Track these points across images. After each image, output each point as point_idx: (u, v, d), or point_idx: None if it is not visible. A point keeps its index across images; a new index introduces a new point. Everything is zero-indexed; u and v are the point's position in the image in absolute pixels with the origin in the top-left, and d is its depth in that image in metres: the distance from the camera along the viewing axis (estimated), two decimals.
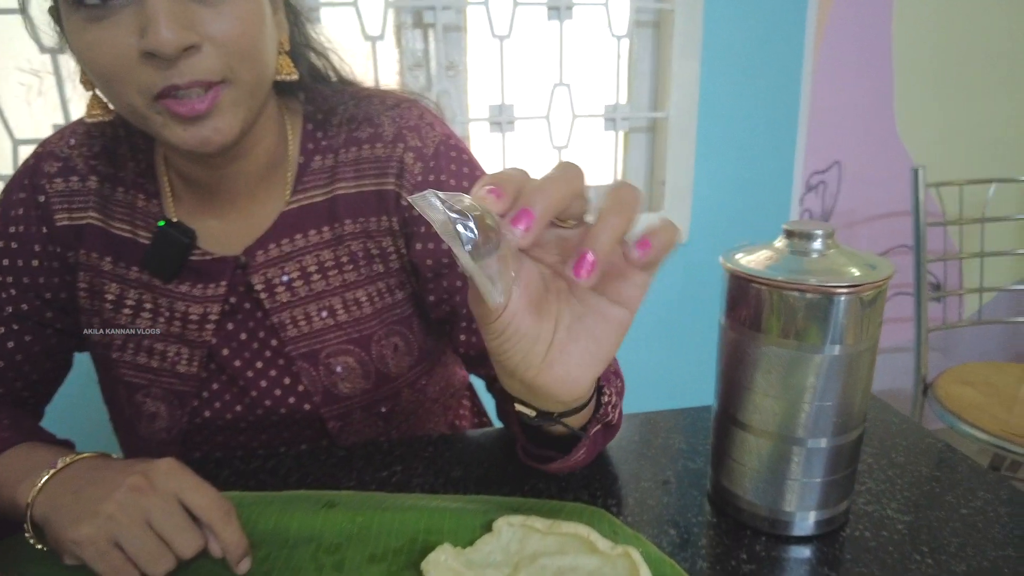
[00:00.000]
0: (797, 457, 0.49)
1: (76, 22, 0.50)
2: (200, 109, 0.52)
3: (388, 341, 0.67)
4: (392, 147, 0.64)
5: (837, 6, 1.57)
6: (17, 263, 0.64)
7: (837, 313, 0.46)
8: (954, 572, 0.48)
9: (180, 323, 0.64)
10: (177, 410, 0.65)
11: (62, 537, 0.45)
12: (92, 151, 0.65)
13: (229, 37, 0.51)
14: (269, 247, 0.64)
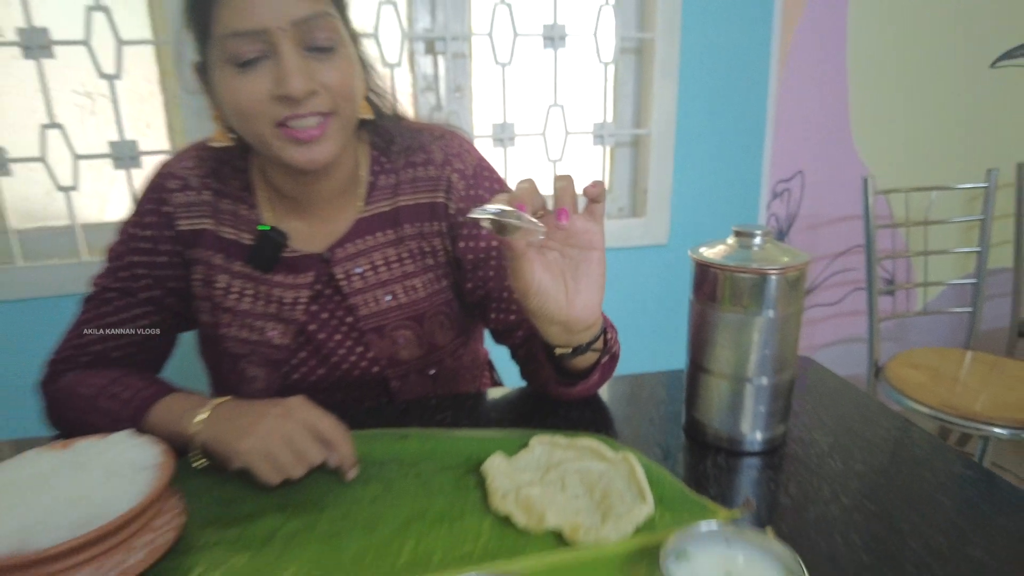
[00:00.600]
0: (747, 392, 0.69)
1: (227, 73, 0.69)
2: (315, 135, 0.70)
3: (436, 319, 0.85)
4: (442, 169, 0.83)
5: (798, 34, 1.77)
6: (149, 259, 0.81)
7: (770, 288, 0.65)
8: (855, 470, 0.67)
9: (276, 305, 0.81)
10: (273, 374, 0.83)
11: (230, 450, 0.63)
12: (203, 171, 0.82)
13: (336, 84, 0.70)
14: (346, 245, 0.82)
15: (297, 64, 0.67)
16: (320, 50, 0.69)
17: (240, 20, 0.66)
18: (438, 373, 0.88)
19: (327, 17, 0.69)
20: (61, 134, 1.42)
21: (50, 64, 1.39)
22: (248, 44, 0.67)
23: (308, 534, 0.59)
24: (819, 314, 2.00)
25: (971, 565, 0.54)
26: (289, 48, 0.67)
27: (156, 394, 0.73)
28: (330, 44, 0.70)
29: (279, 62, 0.67)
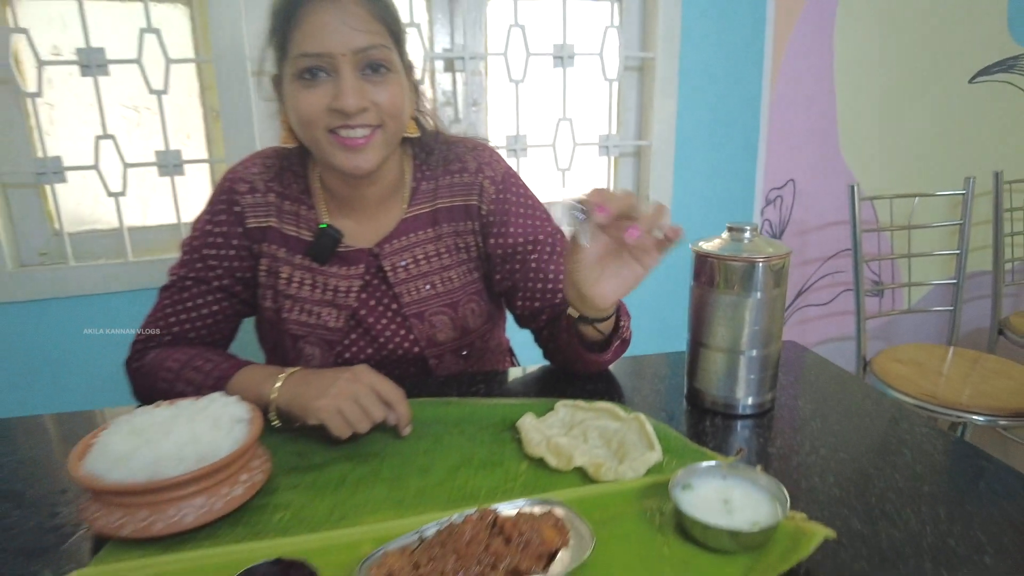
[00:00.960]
0: (740, 362, 0.81)
1: (295, 85, 0.81)
2: (361, 144, 0.83)
3: (468, 306, 0.97)
4: (475, 176, 0.95)
5: (788, 53, 1.90)
6: (222, 252, 0.93)
7: (758, 274, 0.77)
8: (831, 429, 0.79)
9: (331, 293, 0.93)
10: (327, 353, 0.94)
11: (308, 408, 0.74)
12: (268, 176, 0.95)
13: (384, 103, 0.83)
14: (393, 242, 0.94)
15: (352, 85, 0.80)
16: (374, 74, 0.82)
17: (311, 44, 0.79)
18: (469, 353, 1.00)
19: (382, 48, 0.82)
20: (113, 144, 1.54)
21: (104, 80, 1.52)
22: (314, 63, 0.80)
23: (374, 478, 0.71)
24: (811, 314, 2.13)
25: (924, 499, 0.66)
26: (348, 71, 0.80)
27: (235, 366, 0.85)
28: (384, 69, 0.83)
29: (338, 81, 0.80)
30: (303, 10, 0.80)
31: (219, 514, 0.62)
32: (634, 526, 0.61)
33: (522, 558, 0.53)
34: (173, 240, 1.66)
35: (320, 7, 0.79)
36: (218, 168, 1.67)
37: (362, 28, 0.80)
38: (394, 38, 0.85)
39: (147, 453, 0.61)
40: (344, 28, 0.79)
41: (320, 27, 0.79)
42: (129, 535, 0.60)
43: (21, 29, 1.44)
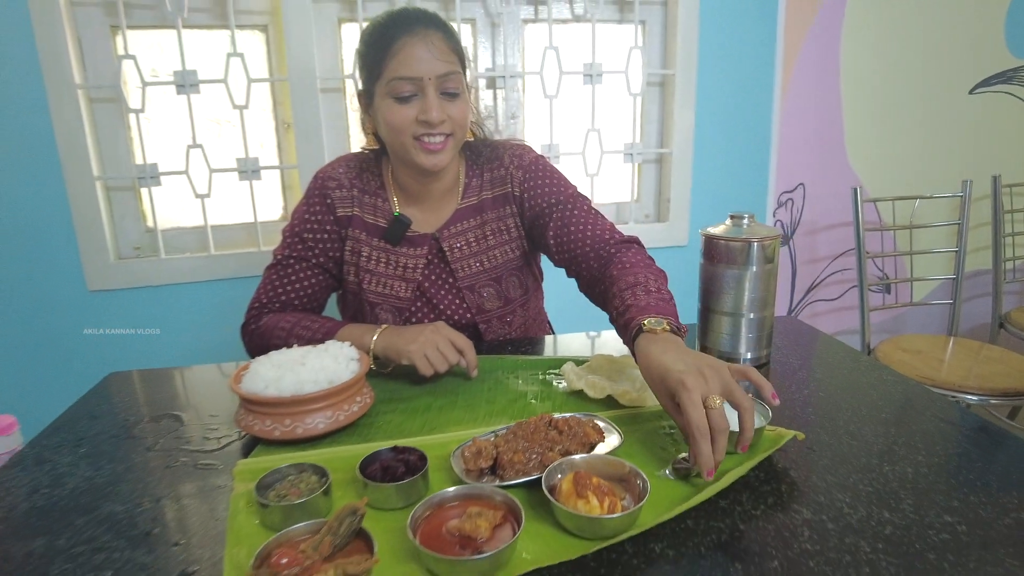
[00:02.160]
0: (741, 323, 1.00)
1: (388, 102, 1.03)
2: (438, 147, 1.04)
3: (510, 280, 1.18)
4: (507, 169, 1.17)
5: (798, 66, 2.08)
6: (317, 236, 1.15)
7: (754, 252, 0.97)
8: (815, 377, 0.98)
9: (401, 269, 1.15)
10: (397, 319, 1.16)
11: (401, 350, 0.95)
12: (351, 175, 1.16)
13: (457, 116, 1.04)
14: (450, 228, 1.15)
15: (435, 102, 1.02)
16: (449, 94, 1.04)
17: (405, 70, 1.01)
18: (512, 320, 1.21)
19: (456, 74, 1.04)
20: (200, 152, 1.78)
21: (195, 97, 1.76)
22: (407, 85, 1.02)
23: (451, 406, 0.92)
24: (821, 308, 2.30)
25: (880, 422, 0.85)
26: (432, 92, 1.02)
27: (337, 324, 1.07)
28: (456, 91, 1.04)
29: (425, 100, 1.02)
30: (398, 43, 1.01)
31: (342, 424, 0.83)
32: (652, 435, 0.81)
33: (570, 444, 0.73)
34: (249, 236, 1.89)
35: (412, 41, 1.00)
36: (288, 173, 1.90)
37: (442, 58, 1.01)
38: (462, 64, 1.07)
39: (290, 377, 0.83)
40: (430, 58, 1.00)
41: (412, 57, 1.00)
42: (278, 437, 0.81)
43: (130, 56, 1.68)
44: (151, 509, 0.72)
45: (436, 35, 1.01)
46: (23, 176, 1.67)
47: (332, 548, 0.58)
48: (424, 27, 1.01)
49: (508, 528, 0.61)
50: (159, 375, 1.12)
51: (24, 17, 1.58)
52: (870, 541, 0.62)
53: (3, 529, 0.69)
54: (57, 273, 1.74)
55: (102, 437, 0.89)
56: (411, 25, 1.01)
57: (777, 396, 0.76)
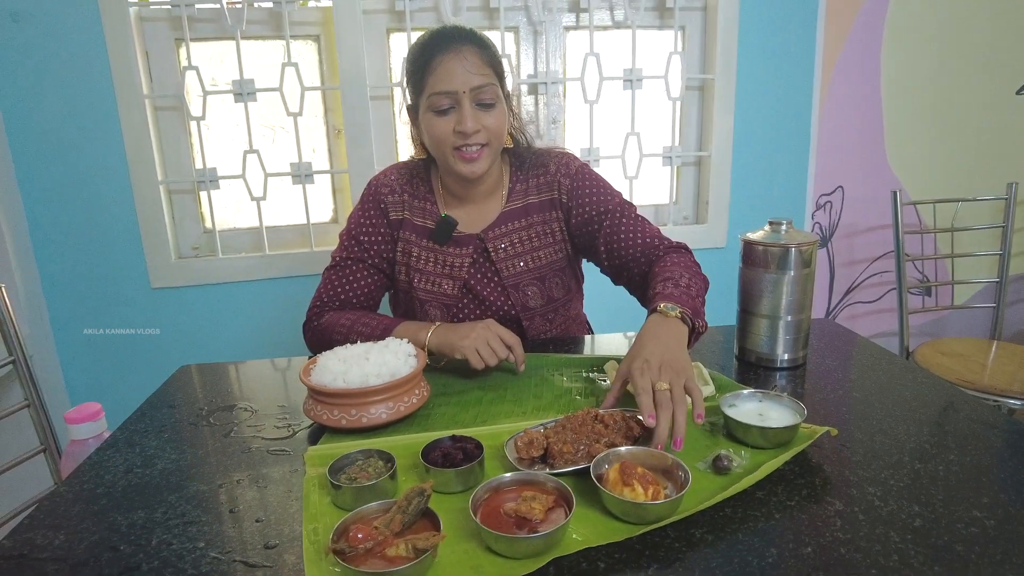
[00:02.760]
0: (779, 325, 1.04)
1: (429, 115, 1.10)
2: (475, 157, 1.11)
3: (553, 280, 1.24)
4: (554, 176, 1.23)
5: (837, 68, 2.09)
6: (372, 238, 1.23)
7: (792, 256, 1.01)
8: (850, 377, 1.02)
9: (448, 267, 1.21)
10: (446, 315, 1.22)
11: (455, 346, 1.02)
12: (402, 182, 1.24)
13: (492, 127, 1.11)
14: (495, 229, 1.22)
15: (470, 113, 1.09)
16: (485, 105, 1.11)
17: (442, 85, 1.08)
18: (554, 318, 1.27)
19: (491, 86, 1.10)
20: (256, 157, 1.87)
21: (251, 105, 1.85)
22: (444, 99, 1.09)
23: (501, 400, 0.98)
24: (860, 310, 2.30)
25: (912, 421, 0.88)
26: (467, 104, 1.09)
27: (395, 321, 1.15)
28: (491, 101, 1.11)
29: (460, 112, 1.09)
30: (435, 60, 1.09)
31: (402, 415, 0.90)
32: (691, 431, 0.85)
33: (615, 437, 0.78)
34: (302, 237, 1.99)
35: (448, 58, 1.08)
36: (338, 177, 1.99)
37: (476, 72, 1.08)
38: (498, 76, 1.13)
39: (356, 371, 0.90)
40: (464, 72, 1.08)
41: (448, 72, 1.08)
42: (345, 426, 0.88)
43: (192, 66, 1.78)
44: (232, 489, 0.79)
45: (471, 50, 1.09)
46: (95, 180, 1.78)
47: (402, 525, 0.64)
48: (459, 44, 1.09)
49: (559, 512, 0.67)
50: (223, 369, 1.21)
51: (99, 34, 1.69)
52: (899, 532, 0.66)
53: (107, 502, 0.77)
54: (124, 271, 1.86)
55: (182, 424, 0.97)
56: (448, 43, 1.09)
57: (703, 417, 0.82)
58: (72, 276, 1.83)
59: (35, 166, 1.74)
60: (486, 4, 1.88)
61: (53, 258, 1.81)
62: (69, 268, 1.82)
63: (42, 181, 1.75)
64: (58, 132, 1.73)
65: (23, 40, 1.67)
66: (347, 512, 0.68)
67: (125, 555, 0.67)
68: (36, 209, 1.77)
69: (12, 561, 0.67)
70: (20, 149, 1.72)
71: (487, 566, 0.62)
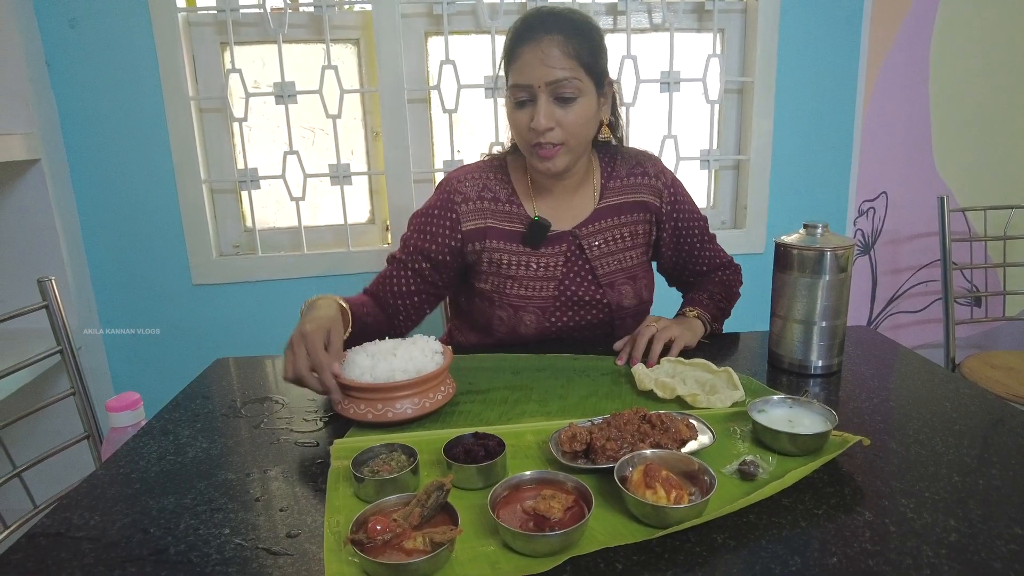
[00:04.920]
0: (813, 331, 1.01)
1: (511, 108, 1.10)
2: (550, 155, 1.10)
3: (643, 280, 1.24)
4: (654, 180, 1.24)
5: (883, 71, 2.03)
6: (432, 247, 1.18)
7: (827, 261, 0.98)
8: (888, 389, 0.98)
9: (542, 269, 1.19)
10: (540, 317, 1.19)
11: None
12: (479, 187, 1.20)
13: (570, 125, 1.08)
14: (589, 226, 1.21)
15: (545, 110, 1.06)
16: (564, 100, 1.07)
17: (519, 77, 1.07)
18: (639, 320, 1.25)
19: (571, 80, 1.05)
20: (296, 158, 1.91)
21: (292, 107, 1.89)
22: (522, 92, 1.08)
23: (526, 400, 0.98)
24: (904, 320, 2.23)
25: (952, 433, 0.85)
26: (543, 98, 1.06)
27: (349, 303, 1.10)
28: (572, 96, 1.07)
29: (536, 106, 1.07)
30: (518, 51, 1.07)
31: (428, 411, 0.91)
32: (720, 435, 0.84)
33: (662, 438, 0.78)
34: (339, 237, 2.02)
35: (528, 49, 1.06)
36: (375, 179, 2.02)
37: (555, 65, 1.04)
38: (585, 67, 1.07)
39: (383, 366, 0.91)
40: (541, 66, 1.04)
41: (526, 65, 1.06)
42: (371, 420, 0.89)
43: (236, 69, 1.83)
44: (259, 479, 0.81)
45: (555, 40, 1.04)
46: (143, 180, 1.85)
47: (420, 519, 0.65)
48: (542, 33, 1.05)
49: (579, 511, 0.66)
50: (258, 362, 1.24)
51: (149, 39, 1.75)
52: (933, 546, 0.63)
53: (140, 487, 0.79)
54: (167, 267, 1.92)
55: (214, 415, 1.00)
56: (531, 32, 1.06)
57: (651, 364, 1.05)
58: (119, 271, 1.90)
59: (87, 166, 1.81)
60: (523, 8, 1.89)
61: (102, 254, 1.88)
62: (116, 264, 1.89)
63: (93, 181, 1.83)
64: (110, 133, 1.80)
65: (79, 45, 1.74)
66: (368, 504, 0.68)
67: (154, 538, 0.69)
68: (87, 207, 1.84)
69: (51, 538, 0.70)
70: (74, 150, 1.80)
71: (504, 563, 0.62)
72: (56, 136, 1.76)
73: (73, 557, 0.66)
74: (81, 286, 1.84)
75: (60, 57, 1.74)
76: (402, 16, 1.85)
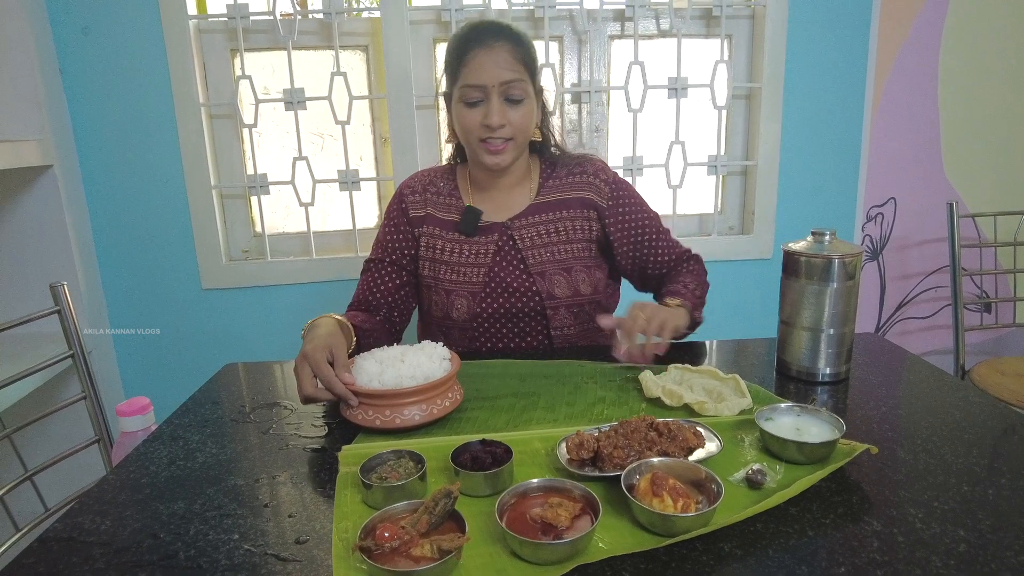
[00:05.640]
0: (821, 338, 1.01)
1: (460, 107, 1.15)
2: (500, 149, 1.15)
3: (580, 274, 1.25)
4: (593, 178, 1.27)
5: (891, 76, 2.02)
6: (394, 236, 1.28)
7: (835, 268, 0.98)
8: (896, 396, 0.98)
9: (473, 256, 1.24)
10: (471, 302, 1.24)
11: None
12: (424, 181, 1.30)
13: (517, 123, 1.15)
14: (522, 219, 1.25)
15: (497, 108, 1.14)
16: (513, 101, 1.15)
17: (472, 78, 1.14)
18: (579, 312, 1.27)
19: (520, 82, 1.15)
20: (305, 164, 1.93)
21: (301, 113, 1.90)
22: (474, 92, 1.14)
23: (533, 406, 0.98)
24: (912, 326, 2.21)
25: (961, 443, 0.84)
26: (495, 98, 1.14)
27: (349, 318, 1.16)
28: (519, 98, 1.16)
29: (488, 105, 1.13)
30: (469, 54, 1.14)
31: (435, 417, 0.91)
32: (728, 443, 0.84)
33: (669, 446, 0.78)
34: (348, 242, 2.03)
35: (480, 52, 1.14)
36: (384, 185, 2.03)
37: (506, 67, 1.13)
38: (530, 73, 1.18)
39: (391, 372, 0.91)
40: (494, 68, 1.13)
41: (479, 66, 1.13)
42: (379, 426, 0.90)
43: (246, 76, 1.85)
44: (268, 484, 0.81)
45: (504, 46, 1.14)
46: (153, 185, 1.86)
47: (428, 526, 0.65)
48: (493, 39, 1.14)
49: (586, 519, 0.66)
50: (267, 368, 1.24)
51: (160, 46, 1.77)
52: (942, 557, 0.63)
53: (150, 491, 0.80)
54: (177, 272, 1.93)
55: (224, 420, 1.01)
56: (482, 37, 1.14)
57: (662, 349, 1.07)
58: (130, 276, 1.91)
59: (99, 171, 1.83)
60: (531, 14, 1.89)
61: (113, 259, 1.89)
62: (127, 268, 1.90)
63: (105, 186, 1.84)
64: (121, 139, 1.82)
65: (92, 52, 1.76)
66: (376, 511, 0.69)
67: (164, 543, 0.69)
68: (99, 212, 1.86)
69: (62, 543, 0.70)
70: (86, 155, 1.82)
71: (511, 570, 0.62)
72: (69, 142, 1.78)
73: (84, 562, 0.67)
74: (92, 290, 1.85)
75: (73, 64, 1.76)
76: (411, 23, 1.86)
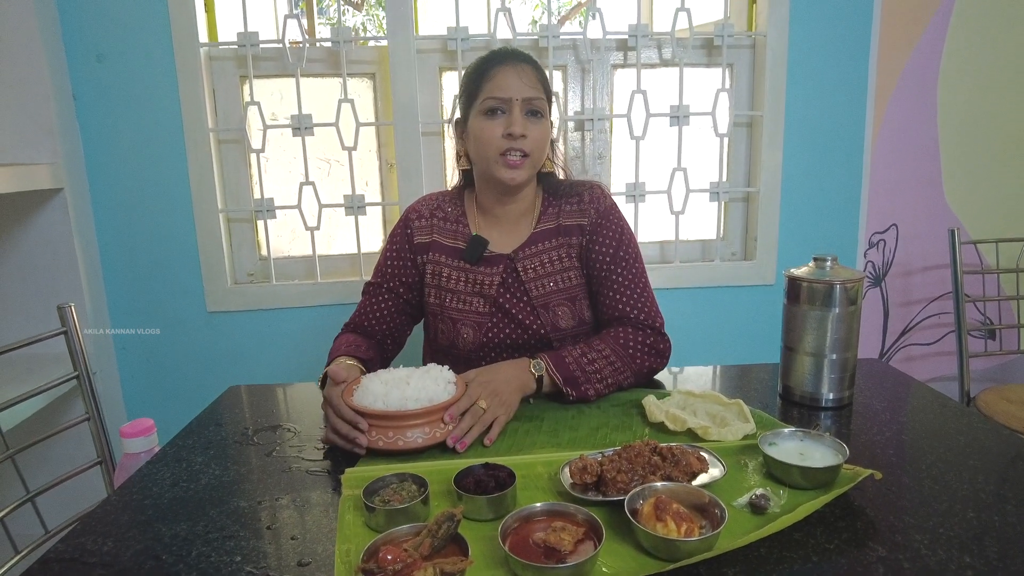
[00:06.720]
0: (824, 363, 1.01)
1: (480, 119, 1.16)
2: (518, 163, 1.16)
3: (583, 301, 1.25)
4: (587, 205, 1.26)
5: (891, 104, 2.05)
6: (396, 263, 1.28)
7: (837, 293, 0.99)
8: (900, 422, 0.98)
9: (479, 286, 1.24)
10: (477, 332, 1.24)
11: None
12: (431, 206, 1.30)
13: (536, 137, 1.16)
14: (525, 250, 1.24)
15: (520, 119, 1.15)
16: (533, 116, 1.17)
17: (497, 91, 1.16)
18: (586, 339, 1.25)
19: (541, 100, 1.17)
20: (312, 189, 1.95)
21: (308, 139, 1.93)
22: (497, 104, 1.16)
23: (536, 431, 0.98)
24: (916, 352, 2.21)
25: (967, 469, 0.84)
26: (518, 110, 1.15)
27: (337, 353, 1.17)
28: (540, 112, 1.18)
29: (511, 116, 1.15)
30: (493, 71, 1.17)
31: (438, 440, 0.91)
32: (732, 468, 0.84)
33: (672, 471, 0.78)
34: (353, 266, 2.04)
35: (505, 69, 1.16)
36: (389, 209, 2.05)
37: (529, 84, 1.16)
38: (547, 96, 1.21)
39: (396, 394, 0.92)
40: (519, 83, 1.15)
41: (504, 80, 1.16)
42: (382, 448, 0.90)
43: (255, 102, 1.88)
44: (271, 507, 0.81)
45: (527, 67, 1.18)
46: (161, 208, 1.88)
47: (431, 549, 0.65)
48: (517, 61, 1.18)
49: (589, 544, 0.66)
50: (270, 390, 1.25)
51: (171, 72, 1.80)
52: None
53: (153, 512, 0.80)
54: (183, 295, 1.94)
55: (227, 442, 1.01)
56: (506, 58, 1.19)
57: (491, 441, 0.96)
58: (135, 298, 1.92)
59: (108, 195, 1.86)
60: (535, 43, 1.93)
61: (119, 281, 1.91)
62: (133, 290, 1.92)
63: (113, 209, 1.87)
64: (131, 163, 1.84)
65: (105, 78, 1.79)
66: (379, 533, 0.69)
67: (166, 564, 0.69)
68: (106, 235, 1.88)
69: (64, 564, 0.70)
70: (96, 179, 1.84)
71: None
72: (80, 166, 1.81)
73: None
74: (98, 312, 1.87)
75: (86, 90, 1.79)
76: (417, 52, 1.90)
